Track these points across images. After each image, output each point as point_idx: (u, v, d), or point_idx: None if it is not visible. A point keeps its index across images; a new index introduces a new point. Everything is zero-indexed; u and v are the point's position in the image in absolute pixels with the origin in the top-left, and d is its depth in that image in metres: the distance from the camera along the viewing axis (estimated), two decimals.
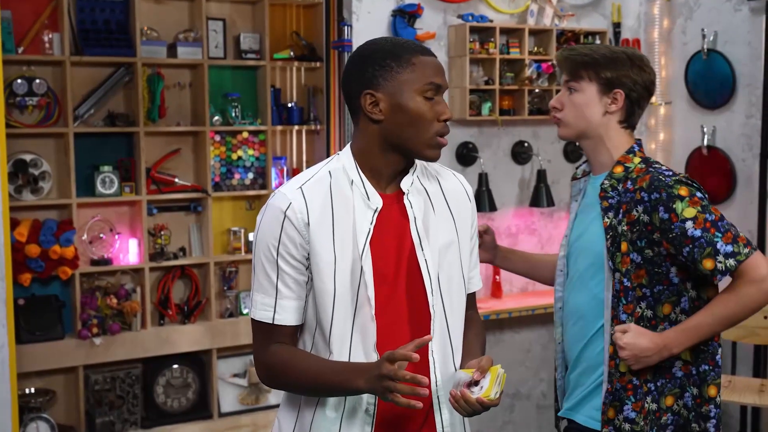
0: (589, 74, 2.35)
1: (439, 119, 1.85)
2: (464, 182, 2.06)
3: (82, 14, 4.37)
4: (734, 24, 4.66)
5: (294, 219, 1.83)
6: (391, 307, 1.87)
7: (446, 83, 1.89)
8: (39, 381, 4.34)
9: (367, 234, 1.87)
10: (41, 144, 4.34)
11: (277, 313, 1.87)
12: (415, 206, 1.92)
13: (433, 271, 1.90)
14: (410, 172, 1.94)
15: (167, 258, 4.54)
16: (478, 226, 2.11)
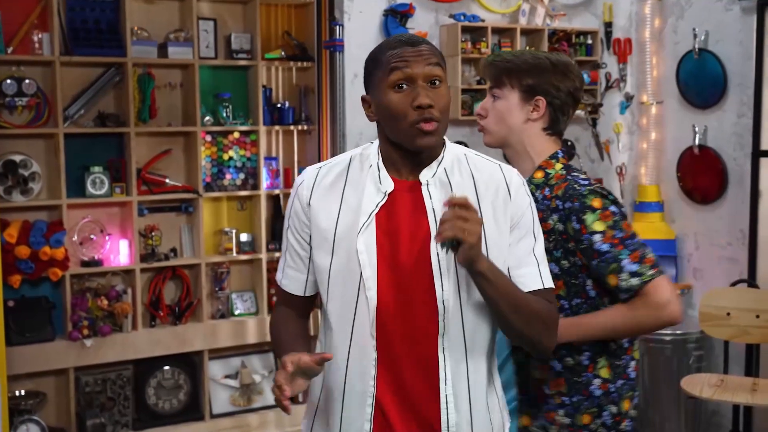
0: (512, 81, 2.32)
1: (413, 106, 1.82)
2: (509, 174, 1.94)
3: (72, 14, 4.34)
4: (725, 23, 4.67)
5: (301, 195, 1.96)
6: (394, 292, 1.86)
7: (423, 70, 1.83)
8: (29, 383, 4.31)
9: (370, 215, 1.87)
10: (31, 145, 4.31)
11: (283, 278, 2.03)
12: (434, 197, 1.88)
13: (446, 267, 1.85)
14: (434, 163, 1.91)
15: (158, 259, 4.52)
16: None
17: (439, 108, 1.83)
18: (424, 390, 1.87)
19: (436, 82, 1.84)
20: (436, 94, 1.84)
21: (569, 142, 4.97)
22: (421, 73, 1.83)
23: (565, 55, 2.43)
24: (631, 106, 5.17)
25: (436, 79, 1.84)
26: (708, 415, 4.85)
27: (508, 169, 1.96)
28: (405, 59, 1.84)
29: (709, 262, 4.90)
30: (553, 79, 2.30)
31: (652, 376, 4.78)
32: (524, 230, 1.92)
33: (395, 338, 1.86)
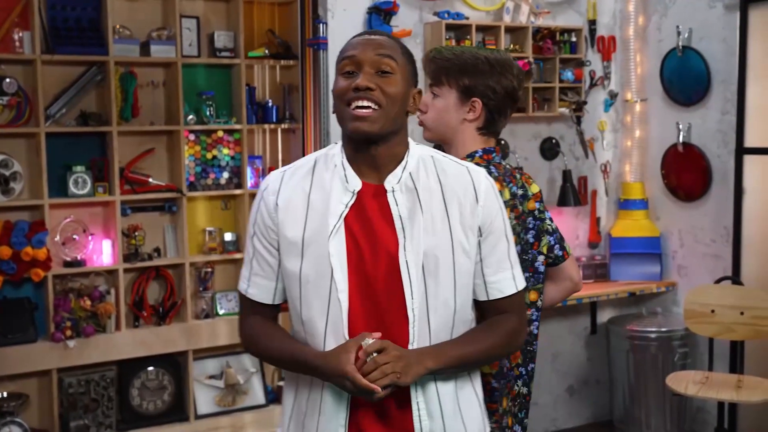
0: (450, 81, 2.35)
1: (352, 87, 1.83)
2: (477, 178, 1.92)
3: (53, 12, 4.30)
4: (709, 21, 4.68)
5: (267, 200, 1.92)
6: (366, 298, 1.84)
7: (370, 56, 1.84)
8: (11, 385, 4.28)
9: (339, 216, 1.85)
10: (12, 144, 4.27)
11: (249, 287, 1.98)
12: (400, 204, 1.87)
13: (415, 275, 1.83)
14: (398, 168, 1.89)
15: (142, 259, 4.49)
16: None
17: (382, 94, 1.83)
18: (397, 396, 1.85)
19: (386, 72, 1.84)
20: (383, 81, 1.84)
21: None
22: (368, 59, 1.84)
23: (505, 52, 2.44)
24: (616, 103, 5.18)
25: (385, 69, 1.84)
26: (693, 411, 4.87)
27: (476, 172, 1.94)
28: (356, 46, 1.86)
29: (693, 259, 4.91)
30: (491, 80, 2.33)
31: (637, 373, 4.79)
32: (497, 235, 1.92)
33: None
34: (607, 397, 5.24)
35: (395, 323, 1.84)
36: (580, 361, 5.22)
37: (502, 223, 1.93)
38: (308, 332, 1.88)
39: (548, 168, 5.03)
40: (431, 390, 1.88)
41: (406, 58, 1.89)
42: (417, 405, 1.86)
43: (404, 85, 1.87)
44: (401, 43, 1.93)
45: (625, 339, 4.83)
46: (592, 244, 5.20)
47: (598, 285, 5.01)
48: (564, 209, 5.05)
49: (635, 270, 5.07)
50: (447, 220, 1.86)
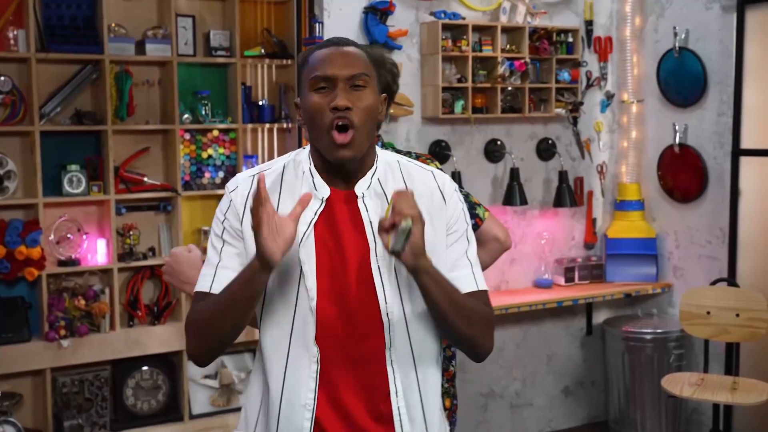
0: None
1: (330, 107, 1.78)
2: (441, 180, 1.94)
3: (48, 10, 4.29)
4: (706, 22, 4.68)
5: (236, 203, 1.88)
6: (334, 304, 1.82)
7: (343, 71, 1.80)
8: (5, 384, 4.26)
9: (309, 223, 1.83)
10: (6, 143, 4.26)
11: (215, 282, 1.87)
12: (370, 210, 1.86)
13: (387, 280, 1.83)
14: (368, 174, 1.88)
15: (136, 258, 4.47)
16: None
17: (358, 111, 1.79)
18: (372, 404, 1.84)
19: (360, 86, 1.81)
20: (357, 96, 1.80)
21: (550, 140, 4.96)
22: (342, 75, 1.80)
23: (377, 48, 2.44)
24: (612, 104, 5.18)
25: (359, 84, 1.81)
26: (688, 413, 4.87)
27: (440, 175, 1.96)
28: (329, 60, 1.81)
29: (689, 260, 4.91)
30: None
31: (632, 375, 4.79)
32: (458, 234, 1.92)
33: (338, 351, 1.82)
34: (602, 399, 5.24)
35: (371, 329, 1.83)
36: (575, 362, 5.21)
37: (464, 224, 1.94)
38: (274, 339, 1.85)
39: (544, 169, 5.02)
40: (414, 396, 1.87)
41: (374, 66, 1.87)
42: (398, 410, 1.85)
43: (375, 97, 1.85)
44: (367, 50, 1.90)
45: (621, 340, 4.83)
46: (587, 245, 5.20)
47: (593, 286, 5.01)
48: (560, 210, 5.04)
49: (631, 271, 5.07)
50: None
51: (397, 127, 4.52)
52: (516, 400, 5.03)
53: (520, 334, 4.99)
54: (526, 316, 4.95)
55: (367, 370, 1.84)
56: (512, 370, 4.99)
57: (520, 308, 4.67)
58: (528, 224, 5.00)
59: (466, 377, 4.74)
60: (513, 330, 4.95)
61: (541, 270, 5.01)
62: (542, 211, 5.04)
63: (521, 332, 5.00)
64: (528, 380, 5.06)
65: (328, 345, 1.82)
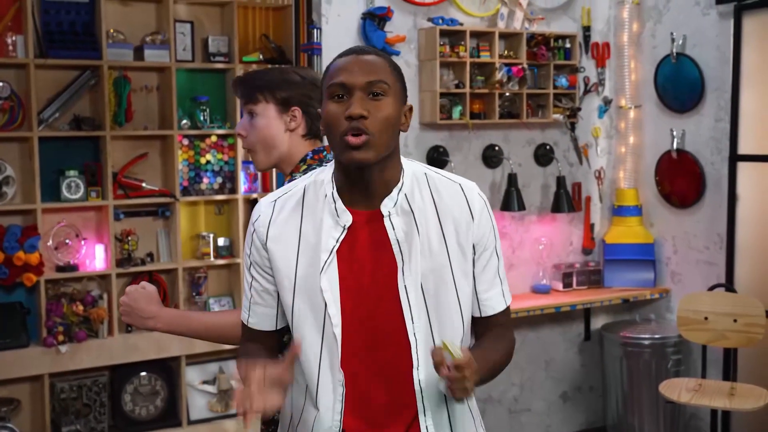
0: (266, 96, 2.38)
1: (345, 116, 1.75)
2: (470, 193, 1.88)
3: (47, 16, 4.29)
4: (703, 28, 4.69)
5: (258, 232, 1.88)
6: (361, 328, 1.82)
7: (361, 79, 1.76)
8: (3, 390, 4.26)
9: (330, 251, 1.81)
10: (5, 148, 4.26)
11: (250, 317, 1.95)
12: (397, 228, 1.82)
13: (414, 299, 1.81)
14: (394, 191, 1.84)
15: (135, 264, 4.47)
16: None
17: (374, 120, 1.76)
18: (400, 424, 1.84)
19: (378, 94, 1.77)
20: (375, 106, 1.77)
21: (547, 146, 4.96)
22: (359, 83, 1.76)
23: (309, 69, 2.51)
24: (610, 110, 5.18)
25: (377, 92, 1.77)
26: (686, 418, 4.87)
27: (470, 189, 1.90)
28: (346, 69, 1.78)
29: (687, 266, 4.92)
30: (303, 89, 2.38)
31: (630, 380, 4.79)
32: (489, 251, 1.90)
33: (364, 373, 1.83)
34: (600, 404, 5.24)
35: (398, 349, 1.82)
36: (573, 367, 5.21)
37: (494, 239, 1.91)
38: (303, 365, 1.86)
39: (542, 174, 5.03)
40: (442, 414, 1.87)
41: (396, 75, 1.83)
42: (426, 430, 1.85)
43: (397, 106, 1.81)
44: (390, 59, 1.87)
45: (619, 345, 4.83)
46: (585, 251, 5.20)
47: (591, 291, 5.01)
48: (558, 215, 5.05)
49: (629, 276, 5.07)
50: (443, 240, 1.84)
51: None
52: (514, 405, 5.03)
53: (518, 339, 4.95)
54: (524, 321, 4.95)
55: (396, 390, 1.83)
56: (510, 376, 4.99)
57: (518, 314, 4.67)
58: (526, 230, 5.00)
59: None
60: None
61: (539, 275, 5.02)
62: (540, 216, 5.04)
63: (519, 338, 4.99)
64: (526, 386, 5.07)
65: (355, 369, 1.82)
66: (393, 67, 1.83)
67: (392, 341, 1.82)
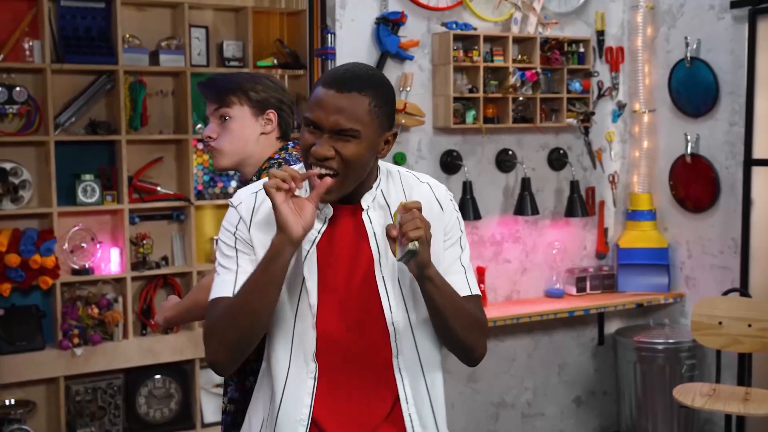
0: (240, 98, 2.37)
1: (310, 153, 1.80)
2: (438, 189, 1.97)
3: (64, 21, 4.33)
4: (717, 32, 4.68)
5: (242, 216, 1.89)
6: (337, 318, 1.85)
7: (326, 121, 1.77)
8: (19, 392, 4.29)
9: (312, 242, 1.85)
10: (22, 152, 4.30)
11: (236, 286, 1.84)
12: (374, 221, 1.88)
13: (391, 289, 1.87)
14: (373, 187, 1.90)
15: (149, 267, 4.50)
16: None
17: (341, 160, 1.78)
18: (381, 413, 1.88)
19: (347, 136, 1.78)
20: (343, 146, 1.78)
21: (561, 150, 4.96)
22: (328, 125, 1.78)
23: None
24: (624, 114, 5.18)
25: (345, 134, 1.78)
26: (701, 423, 4.85)
27: (436, 185, 1.99)
28: (321, 105, 1.78)
29: (701, 270, 4.90)
30: (276, 92, 2.41)
31: (644, 385, 4.77)
32: (452, 241, 1.95)
33: (342, 364, 1.86)
34: (614, 409, 5.23)
35: (377, 338, 1.87)
36: (587, 372, 5.20)
37: (458, 231, 1.97)
38: (276, 354, 1.87)
39: (556, 178, 5.03)
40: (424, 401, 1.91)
41: (377, 110, 1.80)
42: (410, 417, 1.90)
43: (370, 143, 1.81)
44: (376, 83, 1.83)
45: (633, 350, 4.82)
46: (599, 255, 5.19)
47: (605, 296, 5.00)
48: (571, 220, 5.05)
49: (643, 281, 5.06)
50: None
51: (409, 137, 4.54)
52: (527, 409, 5.03)
53: (531, 343, 4.99)
54: (537, 325, 4.95)
55: (375, 379, 1.88)
56: (523, 380, 4.99)
57: (532, 318, 4.67)
58: (539, 234, 5.00)
59: (477, 387, 4.74)
60: (524, 340, 4.95)
61: (553, 280, 5.01)
62: (554, 220, 5.04)
63: (533, 342, 4.99)
64: (539, 390, 5.06)
65: (332, 359, 1.85)
66: (375, 103, 1.81)
67: (370, 331, 1.86)
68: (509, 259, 4.87)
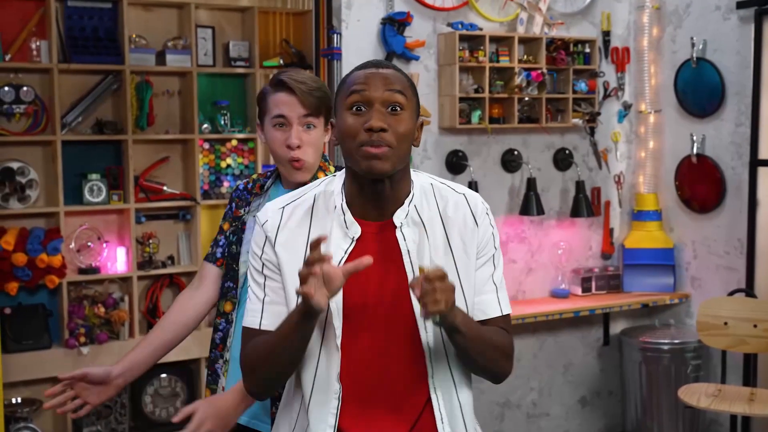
0: (321, 110, 2.31)
1: (364, 128, 1.76)
2: (474, 202, 1.91)
3: (70, 21, 4.35)
4: (723, 32, 4.67)
5: (268, 236, 1.87)
6: (363, 339, 1.82)
7: (381, 94, 1.78)
8: (25, 390, 4.31)
9: (339, 263, 1.80)
10: (28, 152, 4.32)
11: (263, 318, 1.86)
12: (408, 239, 1.84)
13: None
14: (405, 203, 1.85)
15: (155, 266, 4.51)
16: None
17: (394, 134, 1.77)
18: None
19: (396, 108, 1.79)
20: (394, 119, 1.78)
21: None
22: (379, 96, 1.78)
23: None
24: (629, 114, 5.17)
25: (396, 105, 1.79)
26: (706, 424, 4.84)
27: (473, 197, 1.92)
28: (366, 81, 1.79)
29: (707, 271, 4.90)
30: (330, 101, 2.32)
31: (649, 385, 4.77)
32: (485, 258, 1.90)
33: (366, 385, 1.82)
34: (619, 409, 5.23)
35: (411, 359, 1.83)
36: (592, 372, 5.20)
37: (492, 248, 1.91)
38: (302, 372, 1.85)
39: (561, 179, 5.03)
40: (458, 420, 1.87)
41: (412, 91, 1.84)
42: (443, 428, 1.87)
43: (412, 121, 1.82)
44: (406, 74, 1.87)
45: (638, 350, 4.81)
46: (605, 255, 5.19)
47: (610, 296, 5.00)
48: (577, 220, 5.04)
49: (648, 281, 5.06)
50: (449, 249, 1.85)
51: None
52: (533, 410, 5.03)
53: (536, 344, 4.99)
54: (542, 326, 4.95)
55: (408, 401, 1.84)
56: (529, 380, 4.99)
57: (537, 318, 4.67)
58: (545, 234, 5.00)
59: (482, 387, 4.74)
60: (529, 340, 4.95)
61: (558, 280, 5.01)
62: (559, 221, 5.04)
63: (538, 342, 5.00)
64: (545, 390, 5.06)
65: (359, 380, 1.81)
66: (409, 83, 1.84)
67: (399, 351, 1.82)
68: (515, 259, 4.87)
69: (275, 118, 2.31)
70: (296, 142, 2.28)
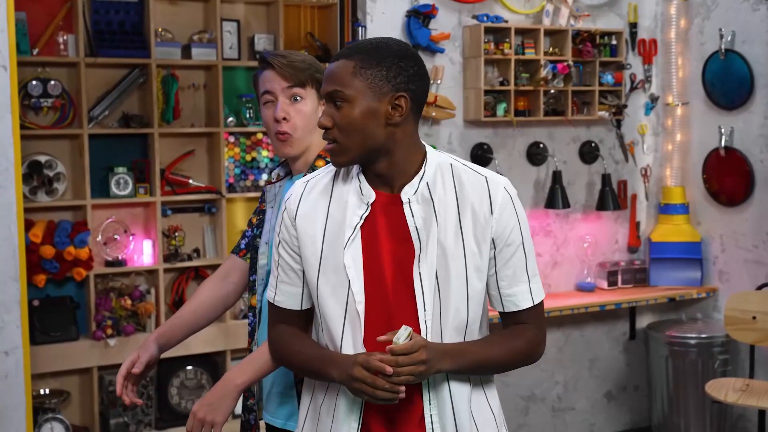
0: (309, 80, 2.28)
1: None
2: (495, 189, 1.87)
3: (97, 15, 4.37)
4: (752, 23, 4.62)
5: (288, 210, 1.94)
6: (381, 307, 1.84)
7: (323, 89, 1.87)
8: (54, 382, 4.35)
9: (354, 227, 1.85)
10: (56, 145, 4.35)
11: (276, 295, 1.99)
12: (416, 215, 1.84)
13: (428, 287, 1.82)
14: (415, 179, 1.85)
15: (181, 259, 4.54)
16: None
17: (337, 128, 1.82)
18: (408, 411, 1.86)
19: (340, 101, 1.82)
20: (338, 115, 1.82)
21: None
22: (323, 92, 1.87)
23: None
24: (656, 107, 5.13)
25: (337, 100, 1.82)
26: (734, 419, 4.81)
27: (495, 182, 1.89)
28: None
29: (734, 265, 4.85)
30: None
31: (676, 380, 4.74)
32: (513, 248, 1.88)
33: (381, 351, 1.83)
34: (645, 404, 5.20)
35: None
36: (618, 366, 5.18)
37: (519, 236, 1.89)
38: (327, 339, 1.90)
39: (587, 172, 5.00)
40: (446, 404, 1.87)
41: (367, 68, 1.80)
42: (431, 418, 1.86)
43: (365, 108, 1.81)
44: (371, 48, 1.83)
45: (665, 345, 4.78)
46: (631, 249, 5.16)
47: (637, 290, 4.97)
48: (603, 213, 5.01)
49: (675, 275, 5.02)
50: (460, 231, 1.84)
51: (440, 130, 4.53)
52: (558, 404, 5.01)
53: (562, 337, 4.97)
54: (568, 319, 4.93)
55: None
56: (554, 374, 4.97)
57: (563, 312, 4.65)
58: (571, 227, 4.97)
59: (507, 380, 4.73)
60: (555, 334, 4.93)
61: (584, 273, 4.99)
62: (585, 214, 5.01)
63: (563, 336, 4.97)
64: (570, 384, 5.04)
65: (373, 347, 1.83)
66: (361, 65, 1.81)
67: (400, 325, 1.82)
68: (540, 252, 4.85)
69: (263, 95, 2.30)
70: (281, 114, 2.24)
